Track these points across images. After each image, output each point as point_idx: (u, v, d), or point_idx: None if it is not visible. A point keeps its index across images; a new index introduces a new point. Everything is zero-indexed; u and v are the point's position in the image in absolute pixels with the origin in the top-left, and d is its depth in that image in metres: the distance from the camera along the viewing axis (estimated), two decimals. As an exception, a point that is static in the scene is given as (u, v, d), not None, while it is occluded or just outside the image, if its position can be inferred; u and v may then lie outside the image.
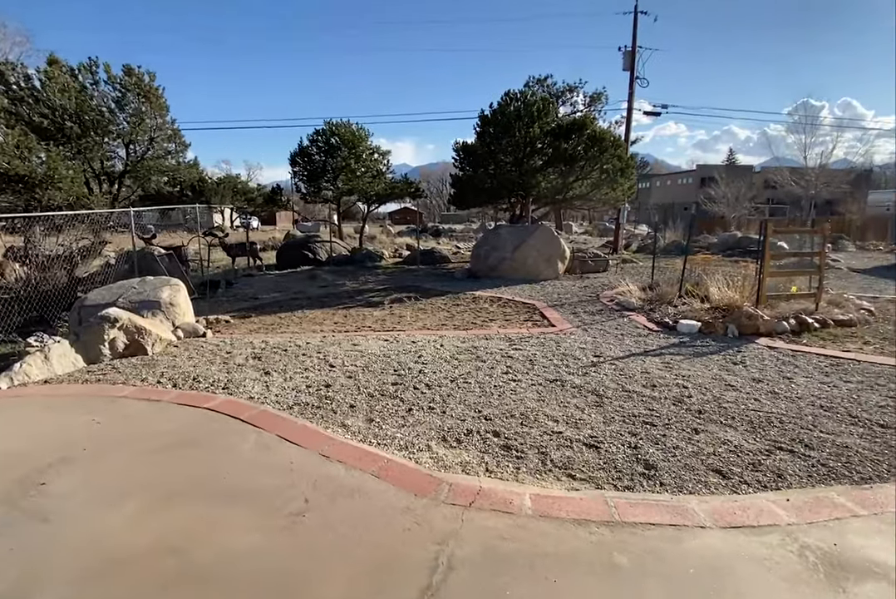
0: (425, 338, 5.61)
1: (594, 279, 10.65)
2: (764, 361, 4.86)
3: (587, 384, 4.10)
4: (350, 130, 18.30)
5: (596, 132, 14.59)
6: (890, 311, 7.23)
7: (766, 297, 6.51)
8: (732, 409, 3.63)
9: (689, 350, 5.22)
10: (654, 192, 62.84)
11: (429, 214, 70.55)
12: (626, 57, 19.65)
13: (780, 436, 3.19)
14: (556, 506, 2.38)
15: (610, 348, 5.22)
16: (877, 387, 4.14)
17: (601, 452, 2.94)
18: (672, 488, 2.58)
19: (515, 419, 3.39)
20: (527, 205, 16.11)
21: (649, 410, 3.58)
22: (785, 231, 10.77)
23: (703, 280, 7.48)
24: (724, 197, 32.37)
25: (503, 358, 4.83)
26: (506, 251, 11.07)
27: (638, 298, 7.60)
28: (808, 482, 2.66)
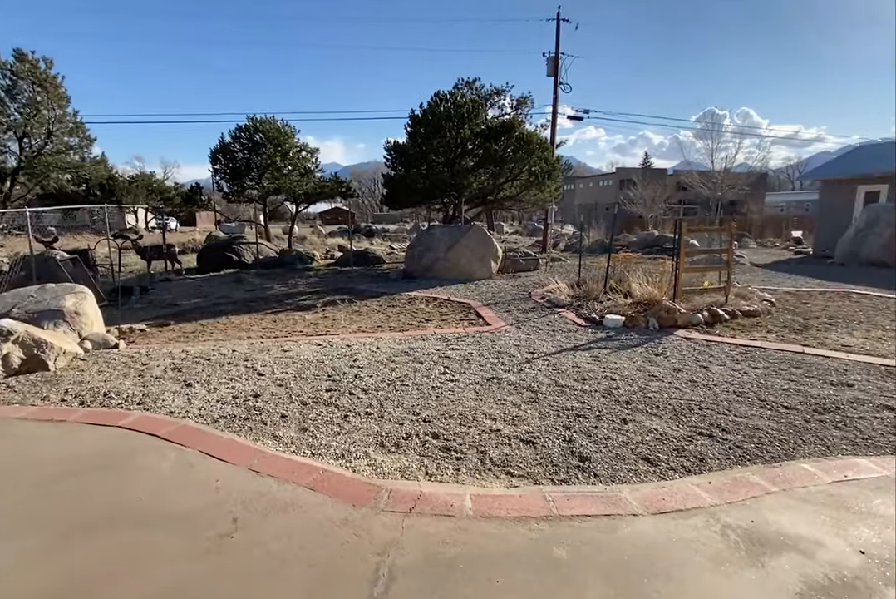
0: (361, 341, 5.49)
1: (526, 278, 10.93)
2: (682, 351, 5.19)
3: (522, 380, 4.18)
4: (275, 126, 17.62)
5: (524, 135, 15.01)
6: (788, 301, 7.98)
7: (682, 291, 6.96)
8: (657, 398, 3.83)
9: (616, 344, 5.47)
10: (578, 193, 65.74)
11: (361, 215, 69.55)
12: (549, 63, 20.38)
13: (700, 422, 3.41)
14: (496, 505, 2.38)
15: (543, 345, 5.36)
16: (780, 372, 4.53)
17: (538, 447, 2.99)
18: (605, 478, 2.67)
19: (454, 420, 3.38)
20: (459, 205, 16.27)
21: (581, 403, 3.70)
22: (697, 230, 11.62)
23: (625, 277, 7.89)
24: (642, 198, 34.49)
25: (440, 358, 4.82)
26: (440, 251, 11.10)
27: (567, 295, 7.88)
28: (726, 464, 2.85)
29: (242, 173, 17.29)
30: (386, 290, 9.37)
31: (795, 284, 10.08)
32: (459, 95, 15.54)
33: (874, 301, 8.06)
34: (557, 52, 20.10)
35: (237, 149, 17.47)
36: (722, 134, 32.71)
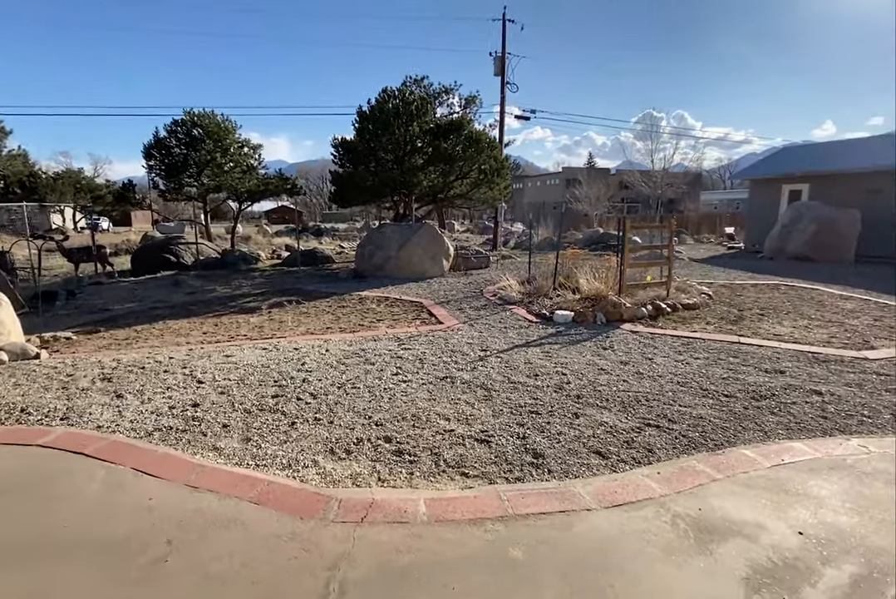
0: (309, 343, 5.29)
1: (477, 275, 10.97)
2: (629, 344, 5.33)
3: (476, 378, 4.15)
4: (215, 121, 16.83)
5: (473, 133, 15.06)
6: (724, 294, 8.40)
7: (627, 286, 7.18)
8: (606, 391, 3.90)
9: (566, 339, 5.56)
10: (527, 192, 67.01)
11: (309, 213, 67.90)
12: (496, 62, 20.59)
13: (648, 413, 3.49)
14: (451, 508, 2.32)
15: (495, 342, 5.37)
16: (719, 361, 4.74)
17: (492, 446, 2.96)
18: (559, 474, 2.67)
19: (407, 422, 3.30)
20: (410, 203, 16.15)
21: (534, 399, 3.71)
22: (640, 227, 12.08)
23: (573, 273, 8.06)
24: (587, 197, 35.57)
25: (393, 359, 4.72)
26: (391, 250, 10.96)
27: (518, 292, 7.96)
28: (673, 453, 2.92)
29: (180, 170, 16.42)
30: (336, 290, 9.14)
31: (730, 277, 10.65)
32: (408, 92, 15.39)
33: (800, 292, 8.63)
34: (504, 52, 20.34)
35: (173, 144, 16.56)
36: (660, 135, 34.26)
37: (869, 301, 7.83)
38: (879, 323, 6.37)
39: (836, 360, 4.81)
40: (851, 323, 6.36)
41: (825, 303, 7.68)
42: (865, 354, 5.02)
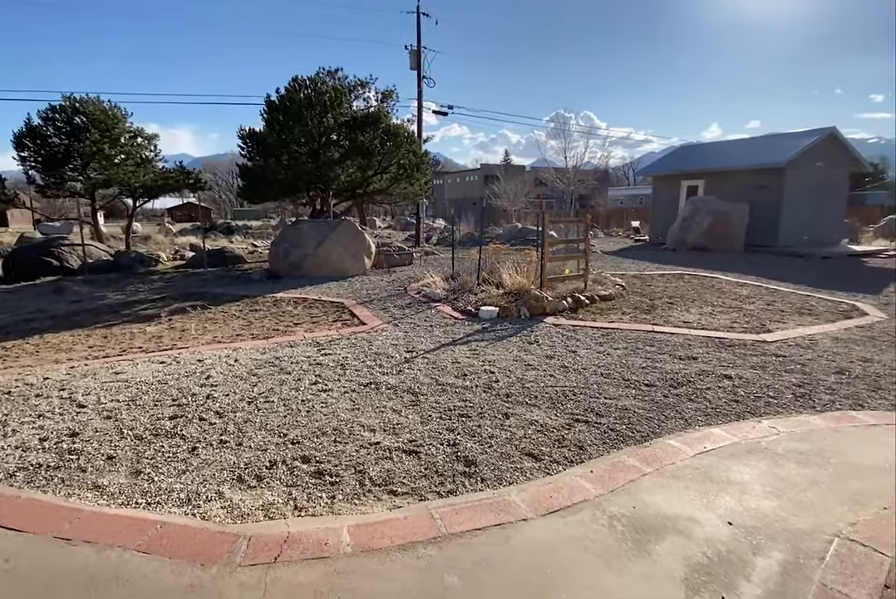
0: (215, 354, 4.79)
1: (401, 273, 10.72)
2: (553, 338, 5.37)
3: (402, 383, 3.93)
4: (100, 108, 15.11)
5: (391, 127, 14.72)
6: (635, 284, 8.81)
7: (548, 280, 7.29)
8: (534, 388, 3.85)
9: (492, 335, 5.49)
10: (447, 188, 67.50)
11: (219, 210, 63.81)
12: (412, 56, 20.29)
13: (576, 408, 3.47)
14: (378, 534, 2.10)
15: (421, 342, 5.18)
16: (638, 351, 4.88)
17: (422, 457, 2.76)
18: (492, 482, 2.53)
19: (328, 437, 3.01)
20: (327, 199, 15.51)
21: (464, 401, 3.56)
22: (557, 221, 12.44)
23: (496, 268, 8.06)
24: (506, 193, 36.38)
25: (311, 366, 4.37)
26: (308, 248, 10.40)
27: (442, 288, 7.83)
28: (604, 449, 2.89)
29: (60, 162, 14.57)
30: (247, 292, 8.48)
31: (639, 268, 11.25)
32: (320, 81, 14.71)
33: (702, 281, 9.27)
34: (419, 45, 20.09)
35: (51, 133, 14.67)
36: (570, 134, 35.78)
37: (760, 287, 8.56)
38: (772, 307, 6.95)
39: (739, 344, 5.13)
40: (749, 308, 6.88)
41: (724, 290, 8.29)
42: (764, 337, 5.41)
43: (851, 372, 4.25)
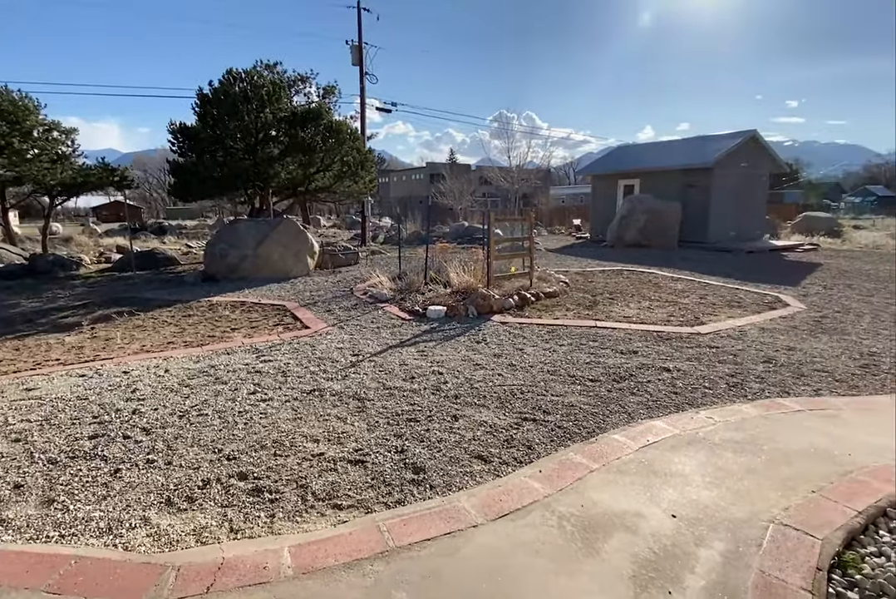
0: (143, 364, 4.45)
1: (346, 273, 10.47)
2: (500, 336, 5.38)
3: (348, 388, 3.79)
4: (9, 98, 13.75)
5: (333, 123, 14.33)
6: (578, 281, 9.04)
7: (495, 278, 7.33)
8: (483, 388, 3.82)
9: (440, 335, 5.44)
10: (393, 186, 66.98)
11: (150, 209, 60.16)
12: (353, 51, 19.88)
13: (524, 406, 3.47)
14: (322, 553, 1.98)
15: (368, 344, 5.04)
16: (582, 347, 4.98)
17: (368, 467, 2.66)
18: (442, 488, 2.47)
19: (267, 451, 2.84)
20: (267, 197, 14.92)
21: (411, 405, 3.48)
22: (503, 220, 12.50)
23: (443, 267, 8.03)
24: (451, 191, 36.51)
25: (250, 375, 4.14)
26: (247, 248, 9.94)
27: (389, 288, 7.70)
28: (551, 447, 2.90)
29: (-40, 157, 13.16)
30: (180, 297, 7.99)
31: (581, 265, 11.56)
32: (257, 75, 14.10)
33: (639, 276, 9.64)
34: (360, 40, 19.71)
35: (-53, 124, 13.20)
36: (513, 134, 36.40)
37: (693, 281, 9.00)
38: (704, 301, 7.32)
39: (676, 337, 5.34)
40: (683, 302, 7.21)
41: (660, 285, 8.65)
42: (698, 329, 5.67)
43: (777, 361, 4.52)
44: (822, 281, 9.23)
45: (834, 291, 8.21)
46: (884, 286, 8.64)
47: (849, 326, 5.84)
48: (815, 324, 5.92)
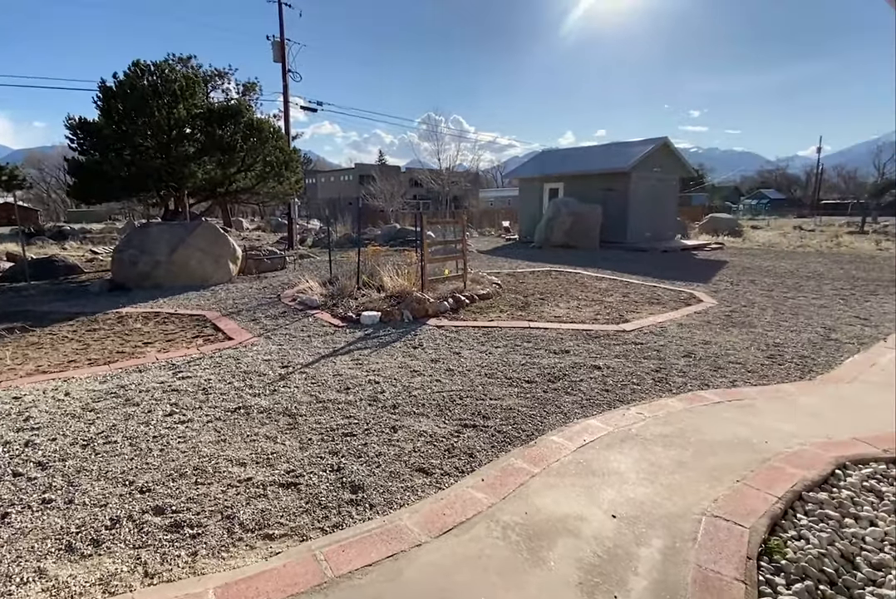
0: (39, 388, 3.94)
1: (273, 278, 9.99)
2: (436, 340, 5.33)
3: (277, 404, 3.57)
4: None
5: (254, 121, 13.67)
6: (510, 282, 9.20)
7: (429, 281, 7.28)
8: (421, 395, 3.74)
9: (375, 342, 5.29)
10: (321, 187, 65.34)
11: (48, 212, 54.57)
12: (275, 47, 19.12)
13: (463, 413, 3.42)
14: (252, 592, 1.81)
15: (298, 355, 4.80)
16: (517, 348, 5.03)
17: (302, 489, 2.49)
18: (382, 507, 2.36)
19: (187, 479, 2.58)
20: (183, 198, 13.94)
21: (347, 418, 3.33)
22: (435, 222, 12.51)
23: (376, 271, 7.86)
24: (382, 193, 36.17)
25: (166, 394, 3.78)
26: (160, 254, 9.20)
27: (320, 294, 7.42)
28: (493, 453, 2.87)
29: None
30: (84, 308, 7.23)
31: (512, 266, 11.82)
32: (168, 68, 13.13)
33: (567, 276, 9.99)
34: (282, 36, 18.98)
35: None
36: (441, 137, 36.68)
37: (616, 280, 9.45)
38: (627, 299, 7.69)
39: (604, 335, 5.55)
40: (608, 300, 7.53)
41: (586, 284, 9.00)
42: (623, 327, 5.93)
43: (696, 355, 4.80)
44: (729, 278, 10.02)
45: (740, 286, 8.93)
46: (781, 281, 9.53)
47: (755, 319, 6.35)
48: (726, 318, 6.39)
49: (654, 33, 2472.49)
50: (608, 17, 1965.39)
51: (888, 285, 9.13)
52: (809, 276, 10.30)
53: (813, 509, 2.34)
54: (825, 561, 1.99)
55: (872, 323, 6.14)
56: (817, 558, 2.00)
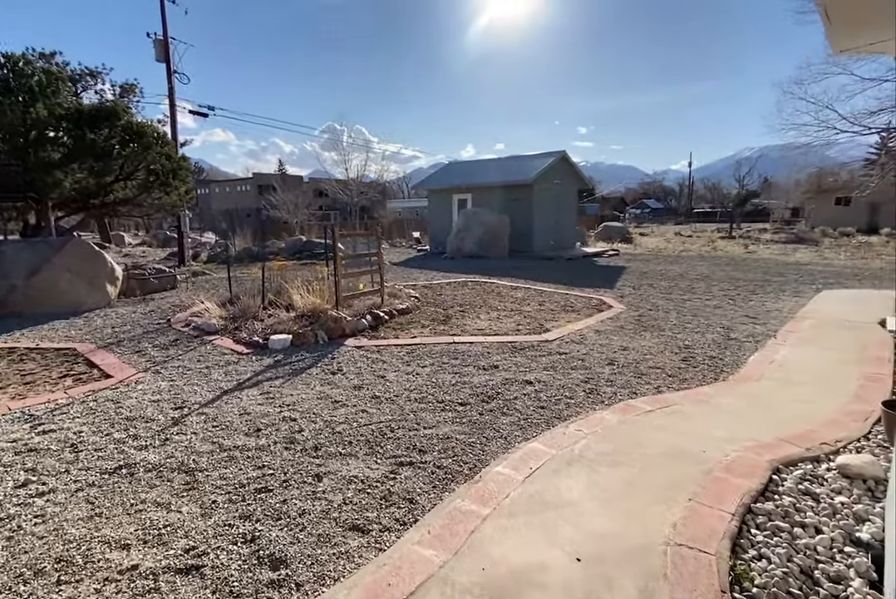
0: None
1: (161, 300, 8.88)
2: (358, 363, 4.91)
3: (170, 458, 2.96)
4: None
5: (133, 124, 12.24)
6: (428, 295, 8.97)
7: (344, 298, 6.81)
8: (347, 431, 3.33)
9: (287, 369, 4.75)
10: (216, 198, 61.21)
11: None
12: (157, 46, 17.45)
13: (396, 448, 3.07)
14: None
15: (195, 391, 4.13)
16: (444, 366, 4.77)
17: (207, 574, 1.99)
18: (311, 583, 1.94)
19: (46, 577, 1.96)
20: (46, 211, 12.10)
21: (260, 469, 2.83)
22: (348, 234, 11.96)
23: (284, 288, 7.23)
24: (285, 204, 34.49)
25: (19, 457, 3.00)
26: (17, 278, 7.78)
27: (219, 316, 6.64)
28: (436, 494, 2.55)
29: None
30: None
31: (428, 278, 11.62)
32: (24, 61, 11.35)
33: (483, 286, 9.98)
34: (166, 33, 17.36)
35: None
36: (345, 147, 35.85)
37: (530, 289, 9.60)
38: (543, 307, 7.77)
39: (528, 346, 5.48)
40: (526, 310, 7.56)
41: (503, 294, 9.03)
42: (545, 336, 5.91)
43: (618, 362, 4.86)
44: (630, 282, 10.62)
45: (641, 290, 9.46)
46: (675, 284, 10.26)
47: (662, 322, 6.66)
48: (637, 323, 6.64)
49: (549, 52, 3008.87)
50: (506, 33, 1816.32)
51: (763, 284, 10.18)
52: (698, 278, 11.22)
53: (764, 521, 2.30)
54: (790, 582, 1.92)
55: (761, 321, 6.70)
56: (782, 579, 1.93)
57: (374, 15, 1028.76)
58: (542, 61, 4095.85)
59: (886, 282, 10.51)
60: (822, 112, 18.33)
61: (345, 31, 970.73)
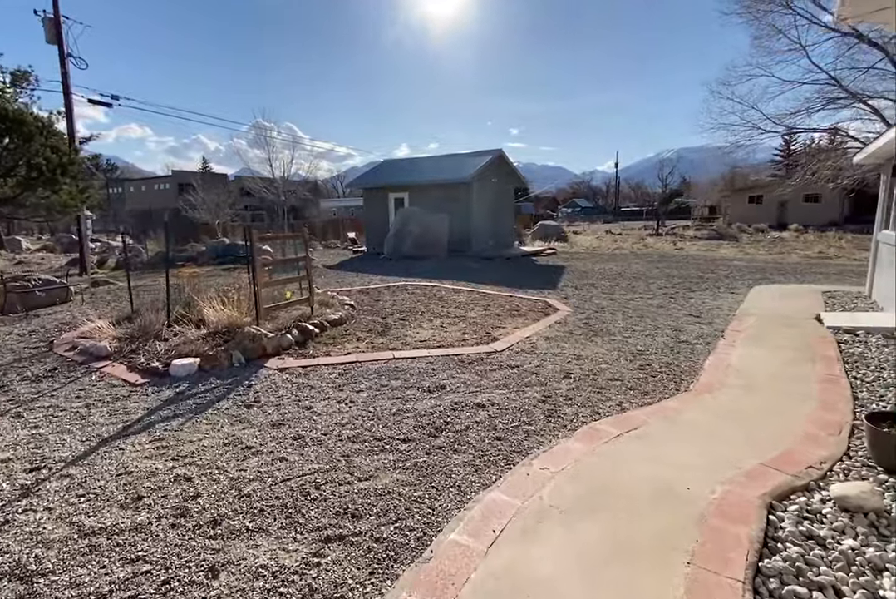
0: None
1: (48, 317, 7.57)
2: (279, 391, 4.17)
3: (6, 549, 2.13)
4: None
5: (9, 112, 10.61)
6: (364, 302, 8.26)
7: (266, 309, 5.98)
8: (258, 492, 2.62)
9: (190, 404, 3.92)
10: (130, 198, 56.47)
11: None
12: (48, 25, 15.37)
13: (322, 514, 2.41)
14: None
15: (64, 442, 3.24)
16: (383, 389, 4.14)
17: None
18: None
19: None
20: None
21: (132, 563, 2.07)
22: (271, 237, 10.99)
23: (195, 300, 6.28)
24: (206, 204, 32.11)
25: None
26: None
27: (112, 336, 5.60)
28: (374, 587, 1.93)
29: None
30: None
31: (364, 282, 10.88)
32: None
33: (424, 290, 9.39)
34: (57, 12, 15.33)
35: None
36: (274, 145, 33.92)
37: (473, 292, 9.13)
38: (488, 312, 7.31)
39: (477, 359, 4.96)
40: (471, 316, 7.06)
41: (445, 298, 8.49)
42: (494, 346, 5.42)
43: (574, 374, 4.44)
44: (572, 282, 10.43)
45: (584, 291, 9.25)
46: (616, 283, 10.18)
47: (610, 325, 6.38)
48: (585, 327, 6.31)
49: (481, 53, 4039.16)
50: (439, 33, 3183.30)
51: (698, 281, 10.33)
52: (636, 276, 11.25)
53: (778, 587, 1.88)
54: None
55: (705, 320, 6.59)
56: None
57: (307, 7, 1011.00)
58: (474, 62, 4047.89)
59: (808, 275, 11.02)
60: (748, 112, 19.35)
61: (276, 27, 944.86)
